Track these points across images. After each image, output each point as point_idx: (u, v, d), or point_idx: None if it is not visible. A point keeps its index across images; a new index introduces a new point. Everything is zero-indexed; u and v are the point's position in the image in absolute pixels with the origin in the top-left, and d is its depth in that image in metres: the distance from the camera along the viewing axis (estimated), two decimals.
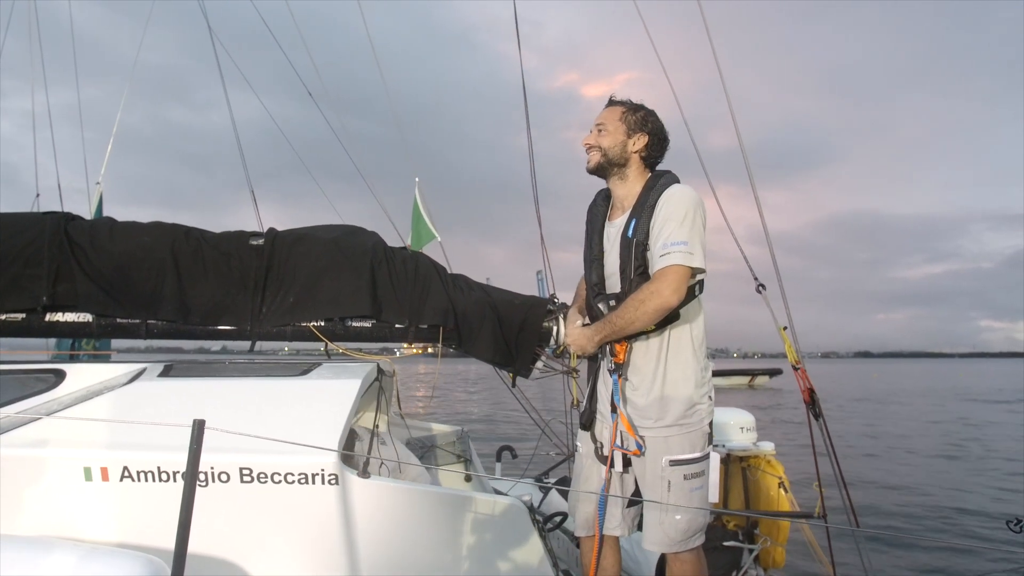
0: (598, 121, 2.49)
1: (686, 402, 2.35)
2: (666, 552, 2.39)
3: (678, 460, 2.33)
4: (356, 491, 2.18)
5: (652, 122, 2.46)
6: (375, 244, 2.80)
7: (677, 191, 2.33)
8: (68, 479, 2.13)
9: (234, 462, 2.11)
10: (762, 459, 3.73)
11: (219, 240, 2.72)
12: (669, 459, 2.33)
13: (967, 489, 9.66)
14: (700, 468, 2.37)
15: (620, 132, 2.43)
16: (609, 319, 2.35)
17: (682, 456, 2.34)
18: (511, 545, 2.30)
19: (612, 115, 2.47)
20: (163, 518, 2.11)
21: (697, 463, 2.36)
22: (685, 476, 2.33)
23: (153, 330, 2.67)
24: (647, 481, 2.39)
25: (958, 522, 7.80)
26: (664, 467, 2.33)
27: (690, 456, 2.34)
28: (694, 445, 2.36)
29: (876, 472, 10.67)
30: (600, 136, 2.45)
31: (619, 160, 2.43)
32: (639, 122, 2.44)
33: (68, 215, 2.74)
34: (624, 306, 2.30)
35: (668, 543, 2.35)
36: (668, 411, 2.35)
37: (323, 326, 2.73)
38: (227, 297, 2.66)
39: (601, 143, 2.44)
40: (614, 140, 2.43)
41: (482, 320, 2.76)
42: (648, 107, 2.50)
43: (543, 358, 2.96)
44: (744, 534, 3.61)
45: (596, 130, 2.47)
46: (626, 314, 2.28)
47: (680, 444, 2.34)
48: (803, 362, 2.91)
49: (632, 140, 2.43)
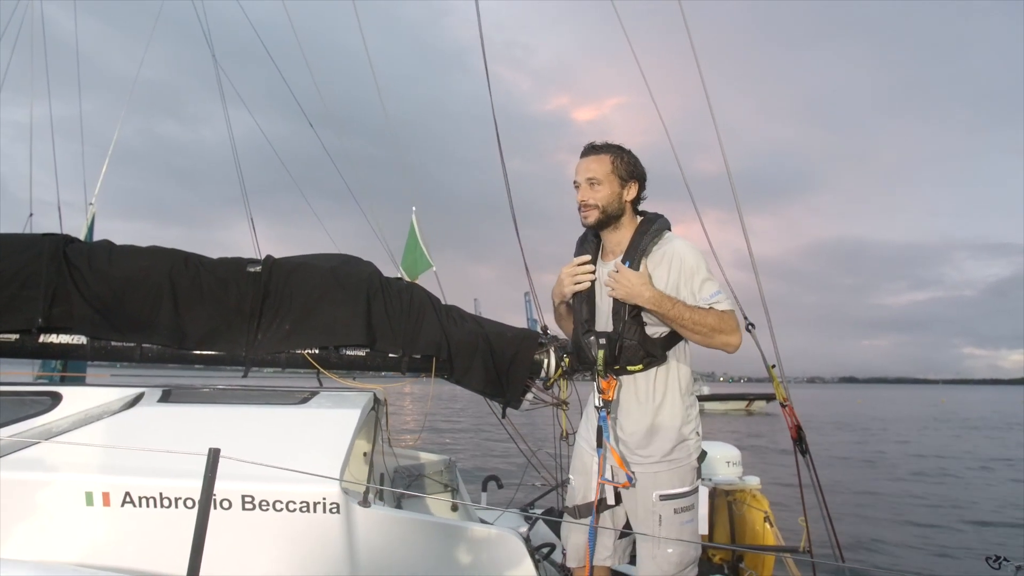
0: (589, 176, 2.41)
1: (674, 438, 2.39)
2: None
3: (668, 495, 2.37)
4: (357, 520, 2.19)
5: (638, 166, 2.45)
6: (371, 274, 2.84)
7: (684, 249, 2.37)
8: (69, 503, 2.12)
9: (236, 490, 2.12)
10: (748, 493, 3.77)
11: (217, 266, 2.74)
12: (659, 494, 2.36)
13: (949, 523, 9.72)
14: (690, 502, 2.41)
15: (614, 184, 2.40)
16: (675, 302, 2.27)
17: (672, 491, 2.37)
18: (506, 573, 2.32)
19: (602, 166, 2.41)
20: (165, 544, 2.12)
21: (687, 497, 2.40)
22: (675, 510, 2.37)
23: (147, 354, 2.68)
24: (639, 516, 2.42)
25: (942, 554, 7.87)
26: (655, 502, 2.36)
27: (680, 490, 2.39)
28: (683, 479, 2.40)
29: (862, 504, 10.72)
30: (595, 191, 2.40)
31: (616, 212, 2.42)
32: (629, 169, 2.42)
33: (67, 237, 2.76)
34: (699, 311, 2.26)
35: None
36: (657, 447, 2.39)
37: (317, 354, 2.75)
38: (223, 323, 2.68)
39: (598, 200, 2.40)
40: (610, 193, 2.40)
41: (474, 351, 2.80)
42: (624, 147, 2.46)
43: (533, 390, 2.99)
44: (729, 568, 3.64)
45: (588, 184, 2.41)
46: (696, 316, 2.24)
47: (670, 479, 2.38)
48: (790, 398, 2.98)
49: (626, 190, 2.43)
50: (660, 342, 2.40)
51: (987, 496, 11.72)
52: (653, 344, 2.40)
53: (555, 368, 2.91)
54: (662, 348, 2.41)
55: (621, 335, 2.37)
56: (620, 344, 2.37)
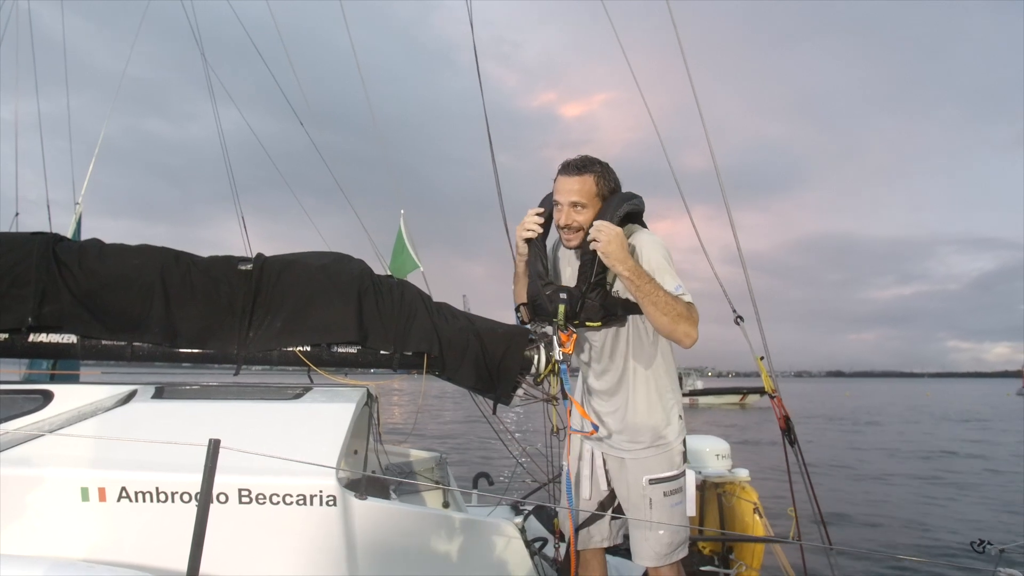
0: (573, 199, 2.39)
1: (660, 423, 2.51)
2: (655, 565, 2.52)
3: (657, 479, 2.49)
4: (354, 512, 2.21)
5: (614, 178, 2.46)
6: (362, 271, 2.85)
7: (650, 242, 2.40)
8: (65, 499, 2.12)
9: (233, 483, 2.12)
10: (737, 485, 3.82)
11: (208, 264, 2.73)
12: (649, 478, 2.49)
13: (937, 509, 9.85)
14: (678, 485, 2.52)
15: (597, 204, 2.41)
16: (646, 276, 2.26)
17: (660, 474, 2.49)
18: (504, 566, 2.36)
19: (586, 187, 2.39)
20: (161, 538, 2.13)
21: (675, 480, 2.51)
22: (665, 493, 2.49)
23: (138, 352, 2.68)
24: (631, 500, 2.54)
25: (928, 541, 7.98)
26: (644, 486, 2.49)
27: (668, 474, 2.50)
28: (671, 463, 2.52)
29: (851, 494, 10.84)
30: (579, 214, 2.41)
31: None
32: (610, 187, 2.44)
33: (56, 236, 2.74)
34: (671, 295, 2.25)
35: (655, 557, 2.49)
36: (643, 434, 2.51)
37: (309, 351, 2.76)
38: (214, 321, 2.67)
39: (582, 223, 2.41)
40: (593, 215, 2.40)
41: (465, 348, 2.82)
42: (598, 159, 2.46)
43: (523, 386, 3.02)
44: (720, 559, 3.68)
45: (572, 208, 2.41)
46: (669, 298, 2.24)
47: (658, 463, 2.50)
48: (778, 388, 3.03)
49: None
50: (621, 302, 2.43)
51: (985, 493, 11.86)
52: (614, 303, 2.42)
53: (545, 364, 2.94)
54: (623, 308, 2.43)
55: (584, 293, 2.40)
56: (582, 302, 2.40)
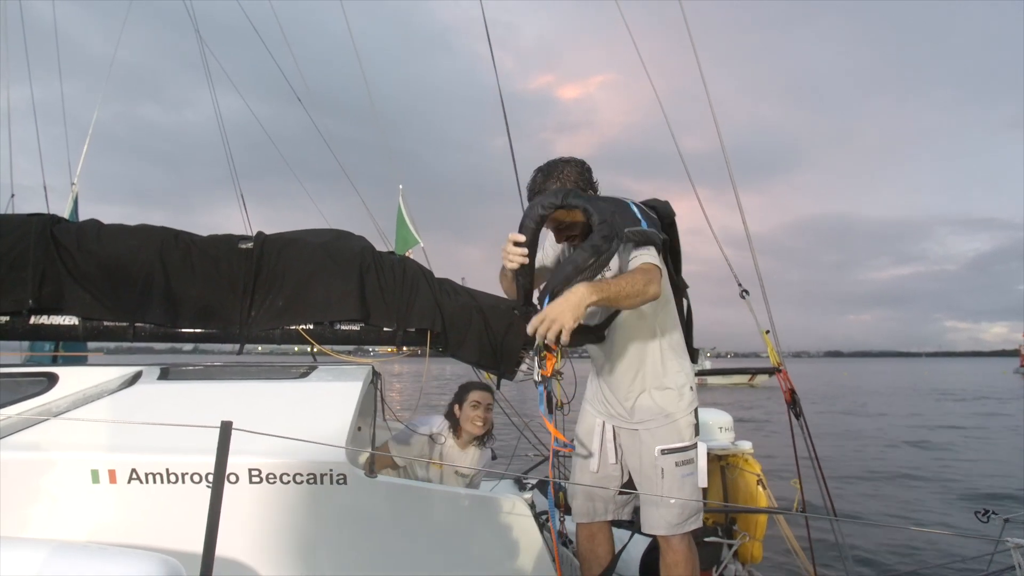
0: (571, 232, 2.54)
1: (671, 395, 2.53)
2: (666, 534, 2.52)
3: (669, 449, 2.50)
4: (363, 490, 2.22)
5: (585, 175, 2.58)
6: (364, 248, 2.83)
7: None
8: (75, 481, 2.12)
9: (243, 463, 2.13)
10: (740, 458, 3.83)
11: (208, 244, 2.71)
12: (660, 448, 2.50)
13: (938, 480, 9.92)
14: (690, 456, 2.53)
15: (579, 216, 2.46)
16: (606, 283, 2.25)
17: (672, 445, 2.51)
18: (514, 541, 2.36)
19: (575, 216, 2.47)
20: (173, 519, 2.13)
21: (686, 451, 2.52)
22: (676, 463, 2.50)
23: (140, 333, 2.66)
24: (643, 471, 2.55)
25: (931, 512, 8.06)
26: (656, 456, 2.50)
27: (679, 444, 2.52)
28: (682, 434, 2.53)
29: (855, 467, 10.93)
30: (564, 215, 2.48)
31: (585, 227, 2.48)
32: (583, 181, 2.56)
33: (54, 217, 2.72)
34: (622, 279, 2.27)
35: (667, 526, 2.50)
36: (654, 406, 2.53)
37: (311, 329, 2.75)
38: (216, 301, 2.66)
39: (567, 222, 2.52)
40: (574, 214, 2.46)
41: (469, 324, 2.80)
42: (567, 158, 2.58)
43: (527, 361, 3.01)
44: (723, 530, 3.70)
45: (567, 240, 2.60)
46: (626, 284, 2.24)
47: (669, 434, 2.52)
48: (784, 363, 3.03)
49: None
50: (600, 324, 2.59)
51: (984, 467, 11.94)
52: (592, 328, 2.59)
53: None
54: (602, 328, 2.60)
55: None
56: None
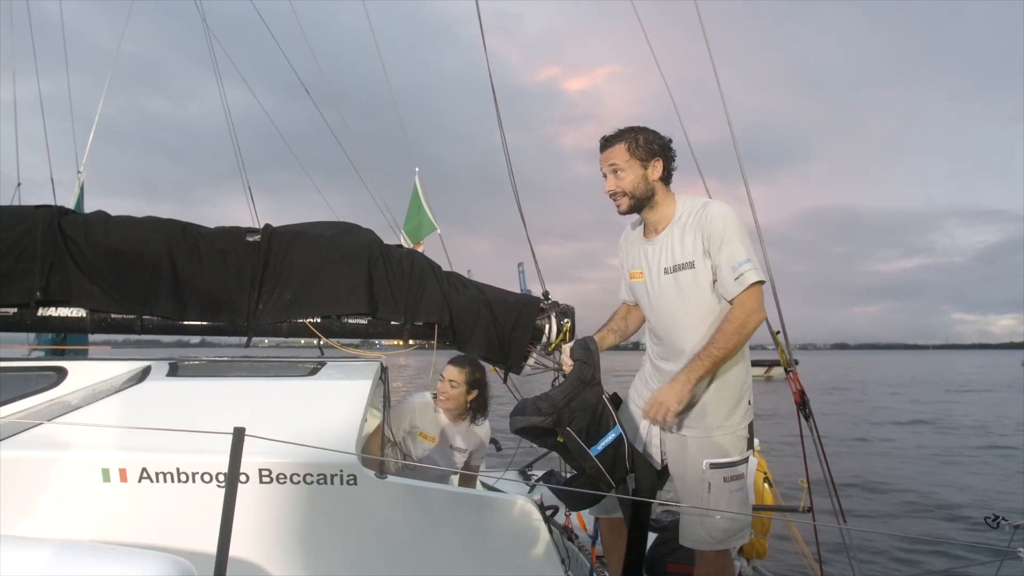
0: (610, 162, 2.44)
1: (726, 406, 2.41)
2: (706, 550, 2.43)
3: (718, 463, 2.38)
4: (374, 491, 2.20)
5: (656, 141, 2.44)
6: (371, 241, 2.81)
7: (719, 209, 2.38)
8: (86, 480, 2.12)
9: (253, 464, 2.11)
10: None
11: (215, 236, 2.70)
12: (710, 462, 2.38)
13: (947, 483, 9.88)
14: (739, 471, 2.41)
15: (636, 167, 2.42)
16: (707, 354, 2.30)
17: (722, 459, 2.38)
18: (522, 541, 2.33)
19: (619, 153, 2.43)
20: (183, 519, 2.12)
21: (736, 466, 2.40)
22: (725, 479, 2.38)
23: (148, 325, 2.66)
24: (687, 482, 2.43)
25: (940, 515, 8.02)
26: (705, 470, 2.38)
27: (730, 459, 2.39)
28: (734, 448, 2.41)
29: (861, 465, 10.89)
30: (619, 179, 2.43)
31: (646, 194, 2.44)
32: (646, 149, 2.42)
33: (62, 209, 2.71)
34: (722, 335, 2.29)
35: (710, 542, 2.40)
36: (708, 416, 2.40)
37: (319, 323, 2.74)
38: (223, 293, 2.65)
39: (623, 187, 2.43)
40: (634, 178, 2.42)
41: (476, 317, 2.79)
42: (637, 125, 2.47)
43: (534, 355, 3.00)
44: None
45: (611, 172, 2.44)
46: (728, 343, 2.28)
47: (720, 447, 2.39)
48: (794, 364, 3.00)
49: (649, 169, 2.43)
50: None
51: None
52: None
53: (556, 333, 2.92)
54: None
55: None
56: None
